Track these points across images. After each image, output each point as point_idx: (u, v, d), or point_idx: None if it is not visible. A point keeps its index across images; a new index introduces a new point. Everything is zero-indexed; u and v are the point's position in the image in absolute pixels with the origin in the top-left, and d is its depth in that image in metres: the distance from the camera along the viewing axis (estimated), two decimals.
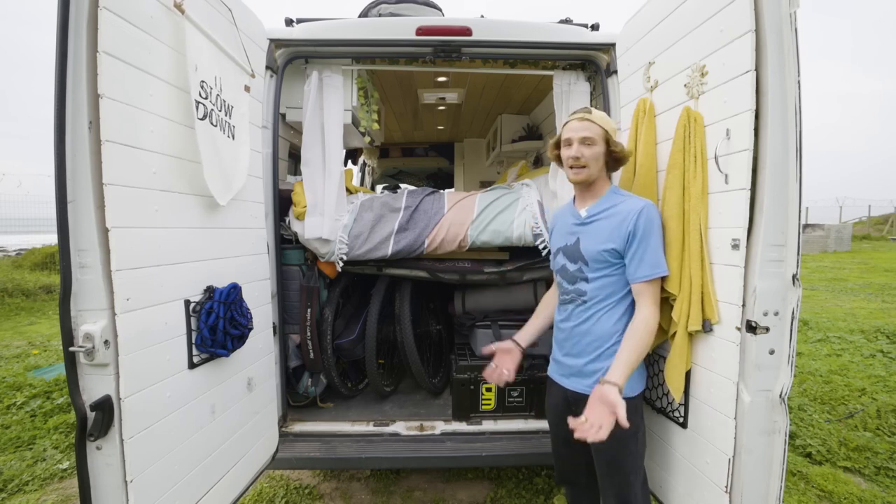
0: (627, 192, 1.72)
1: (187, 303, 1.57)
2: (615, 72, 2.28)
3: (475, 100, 4.09)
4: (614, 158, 1.66)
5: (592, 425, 1.38)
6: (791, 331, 1.41)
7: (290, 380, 2.57)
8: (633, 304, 1.62)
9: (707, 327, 1.57)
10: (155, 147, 1.41)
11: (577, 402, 1.65)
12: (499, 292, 2.97)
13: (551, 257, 1.84)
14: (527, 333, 1.89)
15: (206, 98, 1.58)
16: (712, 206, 1.57)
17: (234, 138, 1.79)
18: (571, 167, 1.64)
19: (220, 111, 1.68)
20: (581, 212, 1.70)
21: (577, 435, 1.39)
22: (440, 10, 2.86)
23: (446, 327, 3.35)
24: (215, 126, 1.65)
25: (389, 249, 2.50)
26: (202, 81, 1.56)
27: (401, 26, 2.33)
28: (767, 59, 1.37)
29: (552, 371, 1.80)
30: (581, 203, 1.72)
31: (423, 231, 2.53)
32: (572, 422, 1.41)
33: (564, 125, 1.70)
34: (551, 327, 1.85)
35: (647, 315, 1.54)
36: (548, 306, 1.92)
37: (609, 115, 2.36)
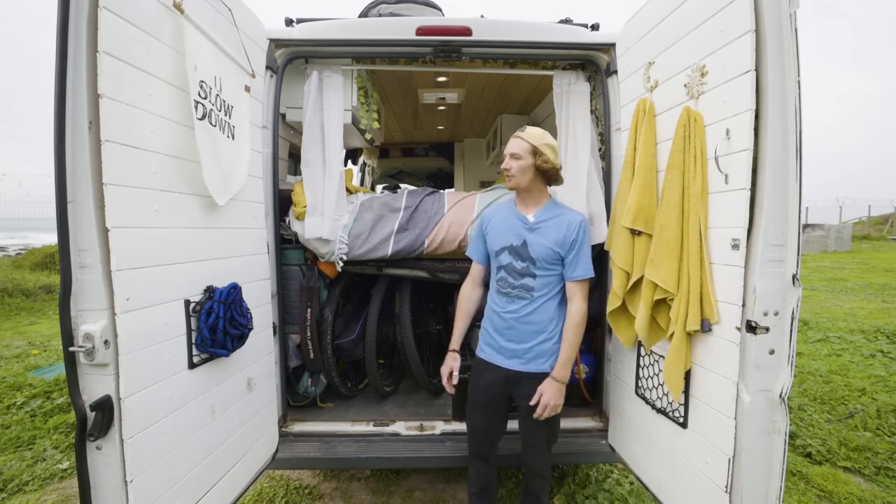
0: (564, 205, 1.99)
1: (187, 303, 1.57)
2: (615, 72, 2.28)
3: (475, 100, 4.09)
4: (541, 170, 1.87)
5: (548, 406, 1.81)
6: (791, 331, 1.41)
7: (290, 380, 2.57)
8: (565, 296, 1.91)
9: (706, 327, 1.57)
10: (155, 147, 1.41)
11: (517, 380, 1.91)
12: None
13: (491, 253, 1.99)
14: (459, 338, 2.11)
15: (205, 98, 1.58)
16: (712, 206, 1.57)
17: (233, 138, 1.79)
18: (506, 175, 1.91)
19: (219, 111, 1.68)
20: (528, 216, 1.92)
21: (535, 414, 1.81)
22: (440, 10, 2.86)
23: (446, 327, 3.35)
24: (214, 126, 1.65)
25: (389, 249, 2.50)
26: (201, 81, 1.56)
27: (401, 26, 2.33)
28: (767, 59, 1.37)
29: (488, 354, 1.98)
30: (524, 208, 1.95)
31: (423, 231, 2.53)
32: (534, 400, 1.83)
33: None
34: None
35: (580, 308, 1.85)
36: (469, 307, 2.11)
37: (609, 114, 2.37)
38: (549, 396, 1.81)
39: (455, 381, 2.07)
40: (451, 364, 2.08)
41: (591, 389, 2.73)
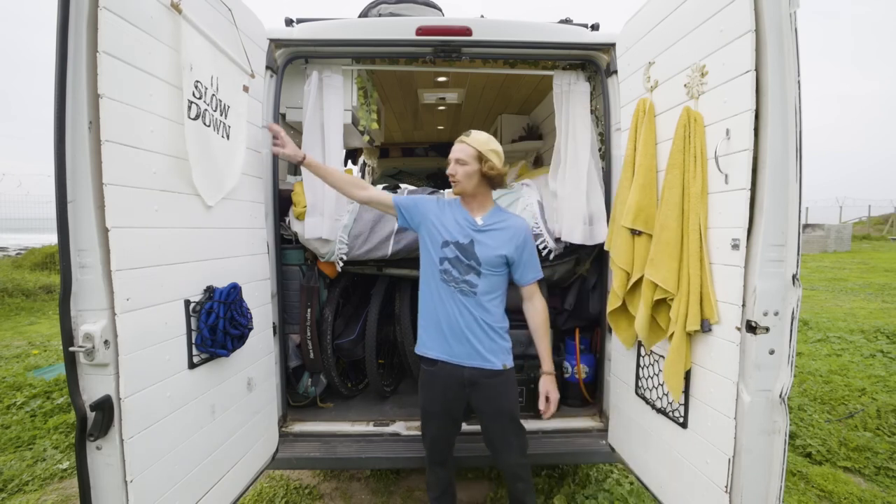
0: (508, 211, 2.05)
1: (187, 303, 1.57)
2: (615, 72, 2.28)
3: (475, 100, 4.09)
4: (488, 176, 1.88)
5: (556, 400, 1.97)
6: (791, 331, 1.41)
7: (290, 380, 2.57)
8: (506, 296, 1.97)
9: (706, 327, 1.57)
10: (155, 147, 1.41)
11: (474, 384, 1.88)
12: None
13: (434, 243, 1.92)
14: (313, 162, 2.11)
15: (199, 98, 1.58)
16: (712, 206, 1.57)
17: (228, 138, 1.79)
18: (451, 181, 1.93)
19: (214, 111, 1.68)
20: (477, 219, 1.94)
21: (546, 416, 1.97)
22: (440, 10, 2.86)
23: None
24: (208, 126, 1.64)
25: (389, 249, 2.50)
26: (196, 81, 1.56)
27: (401, 26, 2.33)
28: (767, 59, 1.37)
29: (437, 353, 1.91)
30: (470, 210, 1.97)
31: None
32: (543, 404, 1.98)
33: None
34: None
35: (543, 304, 1.98)
36: (345, 179, 2.08)
37: (609, 114, 2.37)
38: (554, 391, 1.96)
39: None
40: (296, 151, 2.05)
41: (591, 389, 2.73)
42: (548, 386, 1.96)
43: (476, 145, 1.86)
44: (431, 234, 1.94)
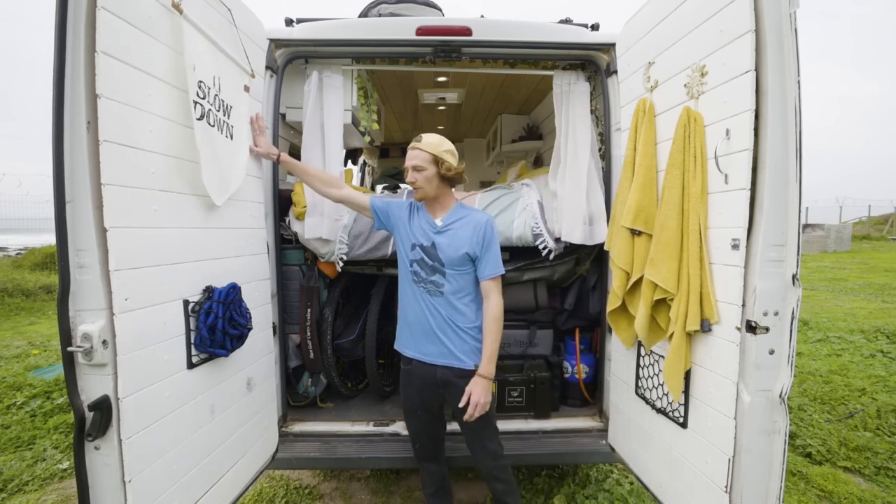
0: (470, 207, 2.03)
1: (186, 303, 1.56)
2: (615, 72, 2.28)
3: (475, 100, 4.09)
4: (446, 177, 1.90)
5: (478, 404, 1.81)
6: (791, 331, 1.41)
7: (290, 380, 2.57)
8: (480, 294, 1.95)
9: (706, 327, 1.57)
10: (153, 147, 1.41)
11: (446, 384, 1.91)
12: None
13: (405, 245, 1.97)
14: (288, 160, 2.15)
15: (203, 98, 1.58)
16: (712, 206, 1.57)
17: (232, 138, 1.79)
18: (412, 188, 1.93)
19: (218, 111, 1.68)
20: (437, 221, 1.95)
21: (466, 416, 1.82)
22: (440, 10, 2.86)
23: None
24: (213, 126, 1.64)
25: (389, 249, 2.50)
26: (200, 81, 1.56)
27: (401, 26, 2.33)
28: (767, 59, 1.37)
29: (414, 353, 1.95)
30: (432, 212, 1.97)
31: None
32: (462, 402, 1.83)
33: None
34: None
35: (497, 304, 1.89)
36: (321, 173, 2.16)
37: (609, 114, 2.37)
38: (478, 394, 1.82)
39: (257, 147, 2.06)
40: (269, 149, 2.09)
41: (591, 389, 2.73)
42: (473, 387, 1.83)
43: (430, 149, 1.87)
44: (402, 238, 1.98)
